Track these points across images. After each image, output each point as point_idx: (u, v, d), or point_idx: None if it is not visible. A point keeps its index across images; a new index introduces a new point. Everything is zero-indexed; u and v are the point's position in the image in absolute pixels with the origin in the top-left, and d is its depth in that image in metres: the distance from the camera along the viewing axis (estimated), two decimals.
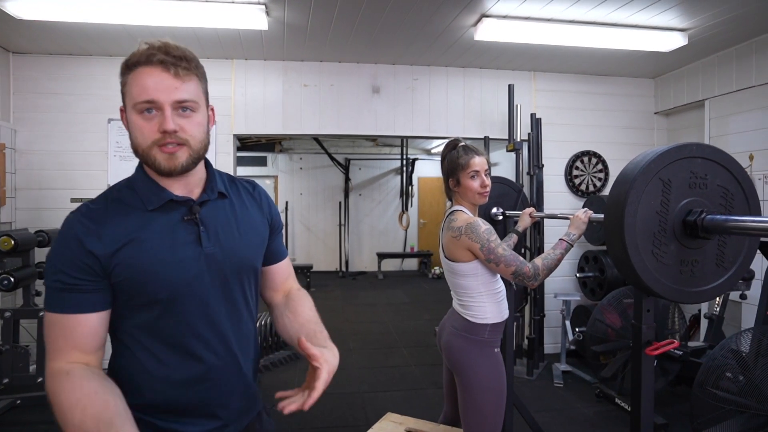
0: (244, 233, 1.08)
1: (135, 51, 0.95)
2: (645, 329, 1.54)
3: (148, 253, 0.94)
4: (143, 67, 0.92)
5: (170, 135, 0.93)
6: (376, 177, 9.71)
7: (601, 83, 4.42)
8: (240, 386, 1.06)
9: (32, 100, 3.78)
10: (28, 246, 3.05)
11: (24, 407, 3.15)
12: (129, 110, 0.95)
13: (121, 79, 0.97)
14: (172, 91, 0.92)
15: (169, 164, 0.94)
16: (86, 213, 0.95)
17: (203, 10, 2.95)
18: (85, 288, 0.91)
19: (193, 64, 0.97)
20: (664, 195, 1.33)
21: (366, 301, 6.99)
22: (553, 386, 3.66)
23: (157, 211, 0.98)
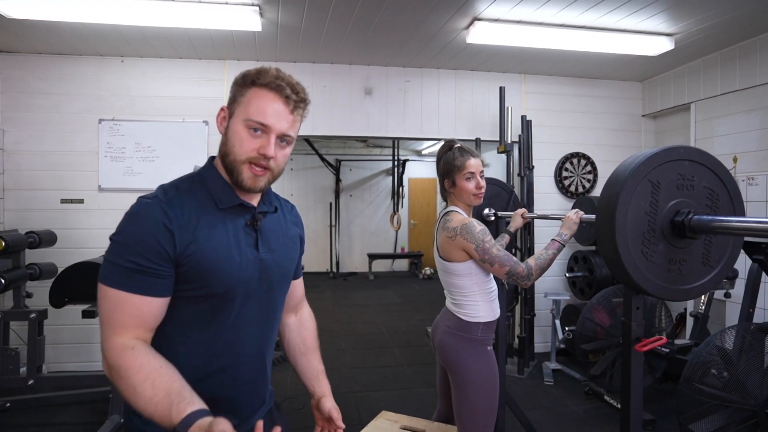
0: (288, 246, 1.17)
1: (265, 72, 1.01)
2: (634, 326, 1.58)
3: (217, 248, 0.99)
4: (269, 92, 1.00)
5: (265, 158, 1.00)
6: (367, 178, 9.73)
7: (590, 86, 4.49)
8: (262, 384, 1.14)
9: (21, 99, 3.74)
10: (19, 247, 3.02)
11: (14, 410, 3.12)
12: (237, 119, 1.01)
13: (238, 88, 1.03)
14: (283, 123, 1.01)
15: (252, 184, 1.02)
16: (166, 200, 0.98)
17: (196, 10, 2.96)
18: (158, 273, 0.94)
19: (307, 106, 1.08)
20: (653, 196, 1.37)
21: (357, 302, 7.00)
22: (544, 384, 3.71)
23: (226, 212, 1.04)
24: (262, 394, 1.16)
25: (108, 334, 0.93)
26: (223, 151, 1.04)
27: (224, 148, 1.03)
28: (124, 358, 0.90)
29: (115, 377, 0.90)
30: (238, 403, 1.08)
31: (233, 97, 1.05)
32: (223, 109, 1.06)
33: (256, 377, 1.11)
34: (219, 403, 1.03)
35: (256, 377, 1.11)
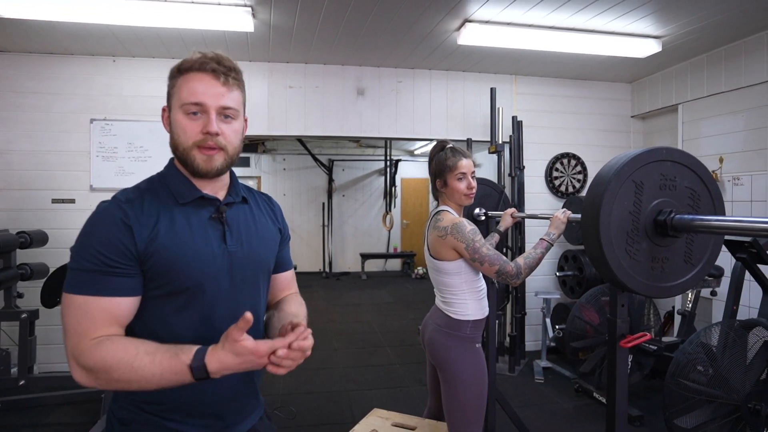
0: (262, 237, 1.14)
1: (188, 58, 1.01)
2: (620, 323, 1.62)
3: (180, 243, 0.97)
4: (195, 73, 0.99)
5: (212, 137, 0.99)
6: (359, 178, 9.76)
7: (580, 87, 4.55)
8: (246, 387, 1.10)
9: (12, 99, 3.72)
10: (10, 247, 3.01)
11: (5, 411, 3.11)
12: (175, 110, 1.01)
13: (169, 82, 1.03)
14: (219, 97, 0.99)
15: (207, 166, 1.00)
16: (125, 201, 0.97)
17: (189, 11, 2.96)
18: (122, 272, 0.92)
19: (240, 76, 1.06)
20: (637, 196, 1.41)
21: (350, 302, 7.02)
22: (534, 382, 3.76)
23: (188, 206, 1.02)
24: (248, 397, 1.11)
25: (76, 342, 0.89)
26: (173, 145, 1.03)
27: (172, 141, 1.02)
28: (104, 349, 0.88)
29: (101, 375, 0.87)
30: (222, 405, 1.04)
31: (168, 93, 1.04)
32: (164, 109, 1.06)
33: (239, 377, 1.04)
34: (202, 406, 1.02)
35: (239, 377, 1.04)
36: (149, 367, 0.86)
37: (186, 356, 0.86)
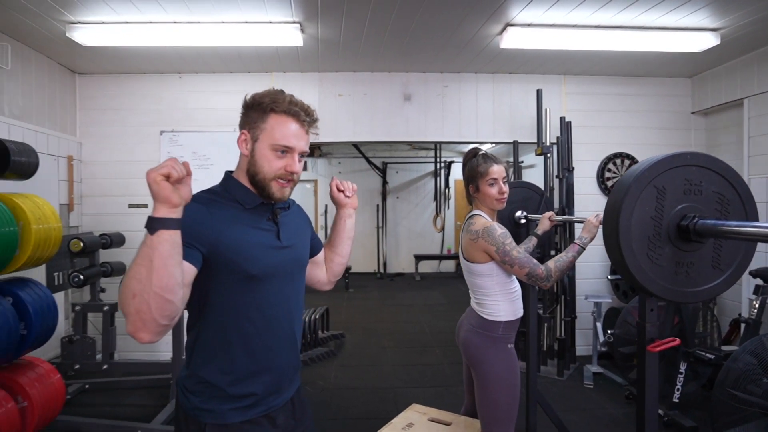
0: (302, 237, 1.39)
1: (280, 99, 1.20)
2: (648, 327, 1.62)
3: (245, 239, 1.18)
4: (287, 117, 1.20)
5: (292, 174, 1.22)
6: (413, 180, 9.86)
7: (634, 84, 4.39)
8: (294, 359, 1.32)
9: (95, 115, 4.19)
10: (94, 248, 3.40)
11: (92, 391, 3.52)
12: (263, 143, 1.20)
13: (255, 113, 1.21)
14: (302, 143, 1.22)
15: (280, 195, 1.23)
16: (201, 201, 1.16)
17: (244, 31, 3.21)
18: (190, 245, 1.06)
19: (316, 124, 1.27)
20: (659, 201, 1.42)
21: (403, 302, 7.14)
22: (583, 387, 3.69)
23: (251, 210, 1.23)
24: (294, 368, 1.33)
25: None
26: (252, 171, 1.22)
27: (253, 168, 1.21)
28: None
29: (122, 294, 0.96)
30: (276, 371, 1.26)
31: (252, 124, 1.21)
32: (243, 133, 1.23)
33: (289, 350, 1.29)
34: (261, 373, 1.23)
35: (289, 350, 1.29)
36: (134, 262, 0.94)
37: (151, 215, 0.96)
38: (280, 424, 1.28)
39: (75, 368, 3.32)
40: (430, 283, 8.82)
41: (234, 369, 1.20)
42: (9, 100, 3.35)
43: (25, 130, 3.45)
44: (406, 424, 2.23)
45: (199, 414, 1.18)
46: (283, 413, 1.29)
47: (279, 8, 2.97)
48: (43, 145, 3.63)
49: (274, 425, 1.26)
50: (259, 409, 1.23)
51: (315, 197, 9.70)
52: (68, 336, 3.36)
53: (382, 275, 9.38)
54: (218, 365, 1.19)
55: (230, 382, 1.19)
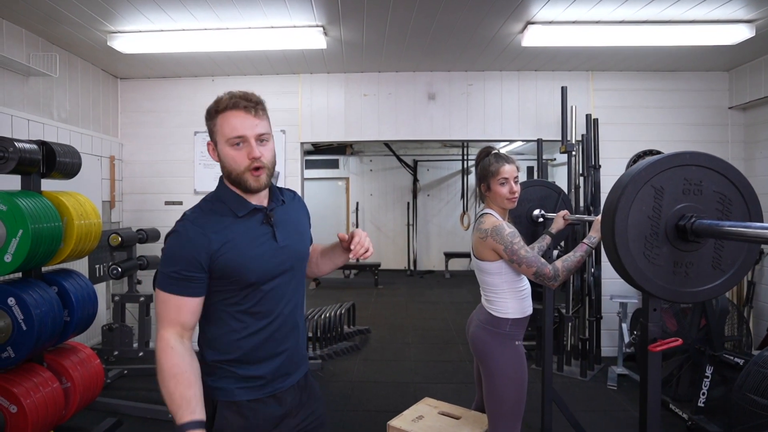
0: (300, 231, 1.42)
1: (220, 99, 1.26)
2: (651, 327, 1.62)
3: (241, 250, 1.25)
4: (231, 111, 1.24)
5: (257, 160, 1.24)
6: (444, 178, 9.85)
7: (666, 79, 4.27)
8: (298, 345, 1.40)
9: (134, 117, 4.44)
10: (132, 242, 3.63)
11: (130, 376, 3.76)
12: (221, 144, 1.26)
13: (209, 122, 1.28)
14: (254, 127, 1.24)
15: (256, 184, 1.26)
16: (193, 220, 1.25)
17: (270, 35, 3.34)
18: (194, 279, 1.21)
19: (265, 107, 1.30)
20: (656, 201, 1.42)
21: (430, 299, 7.18)
22: (606, 388, 3.64)
23: (245, 217, 1.29)
24: (298, 355, 1.41)
25: (159, 326, 1.22)
26: (226, 172, 1.28)
27: (225, 170, 1.27)
28: (163, 354, 1.18)
29: (156, 363, 1.19)
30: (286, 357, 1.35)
31: (210, 131, 1.29)
32: (209, 144, 1.31)
33: (294, 337, 1.38)
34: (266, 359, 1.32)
35: (294, 337, 1.38)
36: (168, 392, 1.16)
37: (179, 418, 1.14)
38: (287, 404, 1.36)
39: (114, 354, 3.56)
40: (460, 280, 8.81)
41: (239, 357, 1.29)
42: (57, 105, 3.62)
43: (71, 133, 3.71)
44: (417, 416, 2.29)
45: (211, 392, 1.29)
46: (290, 394, 1.37)
47: (301, 13, 3.08)
48: (87, 146, 3.90)
49: (281, 404, 1.34)
50: (267, 389, 1.32)
51: (347, 194, 9.85)
52: (108, 324, 3.60)
53: (412, 272, 9.43)
54: (223, 354, 1.29)
55: (237, 366, 1.29)
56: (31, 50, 3.30)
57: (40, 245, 2.37)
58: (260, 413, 1.31)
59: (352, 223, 9.59)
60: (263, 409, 1.31)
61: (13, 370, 2.39)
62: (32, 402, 2.33)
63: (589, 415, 3.14)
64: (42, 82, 3.45)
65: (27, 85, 3.33)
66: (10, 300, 2.31)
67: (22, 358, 2.34)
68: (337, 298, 6.17)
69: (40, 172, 2.56)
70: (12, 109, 3.16)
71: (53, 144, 2.58)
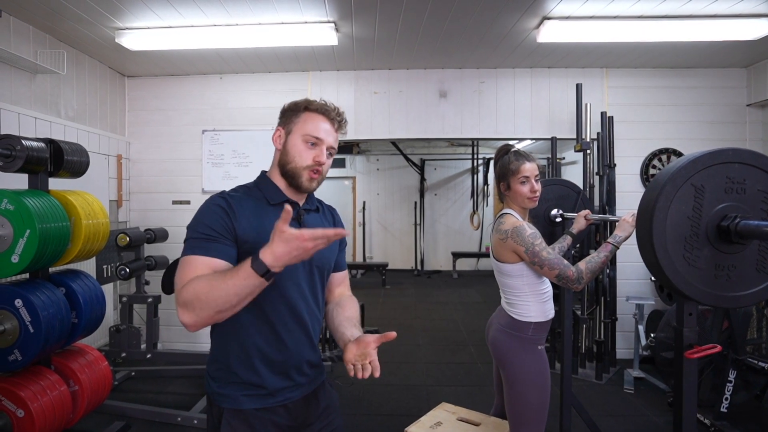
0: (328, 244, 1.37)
1: (313, 101, 1.32)
2: (686, 332, 1.55)
3: (265, 235, 1.15)
4: (320, 115, 1.31)
5: (319, 165, 1.28)
6: (451, 177, 9.77)
7: (682, 76, 4.18)
8: (310, 356, 1.34)
9: (142, 115, 4.39)
10: (140, 242, 3.58)
11: (137, 378, 3.71)
12: (295, 136, 1.29)
13: (291, 112, 1.32)
14: (331, 138, 1.31)
15: (309, 185, 1.30)
16: (227, 197, 1.25)
17: (280, 31, 3.28)
18: (225, 242, 1.18)
19: (345, 125, 1.37)
20: (697, 200, 1.35)
21: (439, 300, 7.10)
22: (623, 392, 3.56)
23: (276, 206, 1.28)
24: (311, 365, 1.35)
25: (179, 288, 1.11)
26: (283, 161, 1.30)
27: (284, 158, 1.29)
28: (190, 284, 1.08)
29: (194, 306, 1.06)
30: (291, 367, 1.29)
31: (287, 119, 1.32)
32: (278, 129, 1.33)
33: (305, 348, 1.32)
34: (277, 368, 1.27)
35: (305, 348, 1.32)
36: (224, 283, 1.04)
37: (246, 263, 1.04)
38: (299, 416, 1.31)
39: (122, 356, 3.51)
40: (468, 281, 8.73)
41: (247, 355, 1.25)
42: (65, 103, 3.57)
43: (78, 131, 3.66)
44: (435, 422, 2.22)
45: (217, 398, 1.25)
46: (301, 405, 1.32)
47: (313, 8, 3.02)
48: (94, 145, 3.85)
49: (290, 415, 1.29)
50: (276, 399, 1.27)
51: (353, 194, 9.79)
52: (116, 325, 3.55)
53: (419, 272, 9.36)
54: (233, 350, 1.25)
55: (242, 367, 1.25)
56: (39, 47, 3.26)
57: (48, 246, 2.31)
58: (268, 423, 1.26)
59: (358, 222, 9.52)
60: (271, 419, 1.26)
61: (20, 373, 2.34)
62: (39, 406, 2.27)
63: (607, 420, 3.07)
64: (49, 79, 3.40)
65: (34, 82, 3.28)
66: (17, 301, 2.25)
67: (30, 360, 2.28)
68: None
69: (47, 171, 2.50)
70: (19, 106, 3.11)
71: (61, 142, 2.52)
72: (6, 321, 2.24)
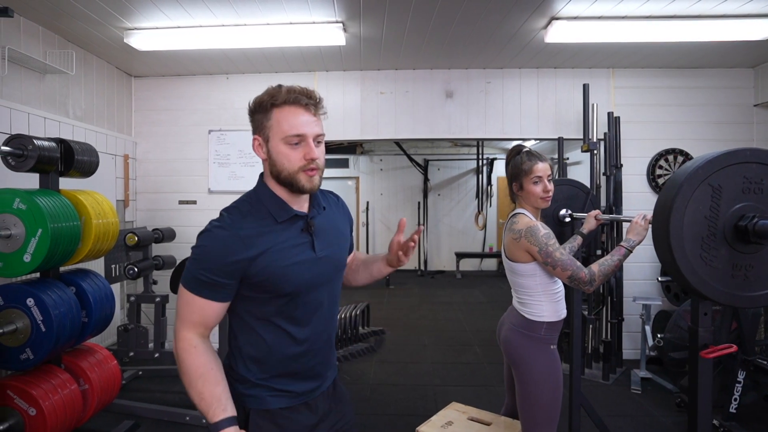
0: (340, 240, 1.35)
1: (276, 92, 1.17)
2: (702, 332, 1.55)
3: (278, 260, 1.17)
4: (290, 106, 1.16)
5: (313, 161, 1.17)
6: (454, 177, 9.77)
7: (688, 76, 4.18)
8: (330, 357, 1.36)
9: (148, 116, 4.40)
10: (148, 242, 3.59)
11: (145, 377, 3.72)
12: (275, 141, 1.17)
13: (259, 115, 1.19)
14: (313, 126, 1.17)
15: (310, 185, 1.18)
16: (231, 224, 1.16)
17: (288, 31, 3.28)
18: (222, 285, 1.15)
19: (322, 104, 1.22)
20: (714, 200, 1.35)
21: (443, 300, 7.10)
22: (630, 392, 3.56)
23: (284, 223, 1.21)
24: (330, 365, 1.37)
25: (180, 326, 1.17)
26: (274, 171, 1.19)
27: (274, 168, 1.18)
28: (187, 354, 1.14)
29: (179, 364, 1.15)
30: (315, 370, 1.30)
31: (259, 125, 1.19)
32: (256, 138, 1.22)
33: (326, 351, 1.33)
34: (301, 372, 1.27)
35: (326, 351, 1.33)
36: (196, 393, 1.12)
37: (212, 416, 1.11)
38: (319, 412, 1.31)
39: (129, 355, 3.51)
40: (471, 281, 8.73)
41: (270, 370, 1.24)
42: (73, 103, 3.58)
43: (86, 131, 3.67)
44: (446, 422, 2.22)
45: (244, 399, 1.24)
46: (321, 401, 1.32)
47: (322, 8, 3.02)
48: (102, 145, 3.85)
49: (313, 412, 1.30)
50: (299, 399, 1.27)
51: (357, 194, 9.79)
52: (123, 325, 3.56)
53: (422, 273, 9.35)
54: (254, 366, 1.24)
55: (268, 380, 1.24)
56: (48, 48, 3.26)
57: (59, 245, 2.32)
58: (294, 421, 1.26)
59: (362, 222, 9.52)
60: (296, 417, 1.26)
61: (31, 372, 2.35)
62: (51, 404, 2.28)
63: (615, 420, 3.07)
64: (58, 79, 3.41)
65: (43, 82, 3.28)
66: (29, 300, 2.26)
67: (41, 359, 2.30)
68: (349, 297, 6.10)
69: (58, 171, 2.51)
70: (28, 106, 3.11)
71: (71, 142, 2.53)
72: (18, 320, 2.25)
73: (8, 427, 2.17)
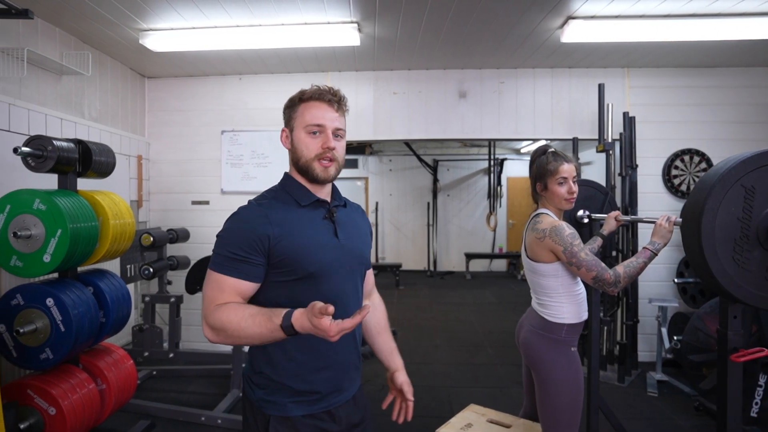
0: (361, 235, 1.39)
1: (305, 90, 1.29)
2: (731, 335, 1.53)
3: (303, 238, 1.21)
4: (315, 101, 1.26)
5: (329, 151, 1.24)
6: (464, 177, 9.74)
7: (705, 76, 4.13)
8: (354, 358, 1.34)
9: (161, 116, 4.42)
10: (163, 242, 3.60)
11: (159, 377, 3.74)
12: (298, 130, 1.26)
13: (289, 110, 1.30)
14: (334, 120, 1.26)
15: (324, 174, 1.25)
16: (258, 205, 1.24)
17: (303, 32, 3.28)
18: (253, 262, 1.17)
19: (346, 105, 1.32)
20: (747, 202, 1.33)
21: (453, 301, 7.08)
22: (646, 395, 3.52)
23: (307, 207, 1.27)
24: (355, 367, 1.35)
25: (209, 310, 1.15)
26: (294, 158, 1.28)
27: (295, 155, 1.28)
28: (221, 312, 1.12)
29: (221, 333, 1.12)
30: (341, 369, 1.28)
31: (288, 118, 1.30)
32: (284, 130, 1.32)
33: (351, 346, 1.31)
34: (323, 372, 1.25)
35: (351, 346, 1.31)
36: (251, 327, 1.09)
37: (277, 318, 1.07)
38: (341, 421, 1.29)
39: (144, 355, 3.52)
40: (481, 282, 8.69)
41: (295, 367, 1.23)
42: (88, 104, 3.60)
43: (101, 132, 3.69)
44: (465, 424, 2.21)
45: (264, 405, 1.23)
46: (344, 410, 1.30)
47: (338, 9, 3.01)
48: (116, 145, 3.87)
49: (334, 421, 1.28)
50: (321, 405, 1.26)
51: (366, 194, 9.79)
52: (138, 325, 3.57)
53: (432, 273, 9.33)
54: (279, 363, 1.23)
55: (293, 379, 1.23)
56: (64, 49, 3.28)
57: (78, 245, 2.33)
58: (315, 429, 1.25)
59: (371, 223, 9.51)
60: (318, 425, 1.25)
61: (50, 372, 2.36)
62: (70, 404, 2.29)
63: (632, 423, 3.03)
64: (74, 80, 3.43)
65: (60, 83, 3.30)
66: (48, 301, 2.27)
67: (60, 359, 2.31)
68: None
69: (76, 172, 2.52)
70: (45, 107, 3.13)
71: (89, 143, 2.54)
72: (38, 320, 2.26)
73: (29, 426, 2.18)
